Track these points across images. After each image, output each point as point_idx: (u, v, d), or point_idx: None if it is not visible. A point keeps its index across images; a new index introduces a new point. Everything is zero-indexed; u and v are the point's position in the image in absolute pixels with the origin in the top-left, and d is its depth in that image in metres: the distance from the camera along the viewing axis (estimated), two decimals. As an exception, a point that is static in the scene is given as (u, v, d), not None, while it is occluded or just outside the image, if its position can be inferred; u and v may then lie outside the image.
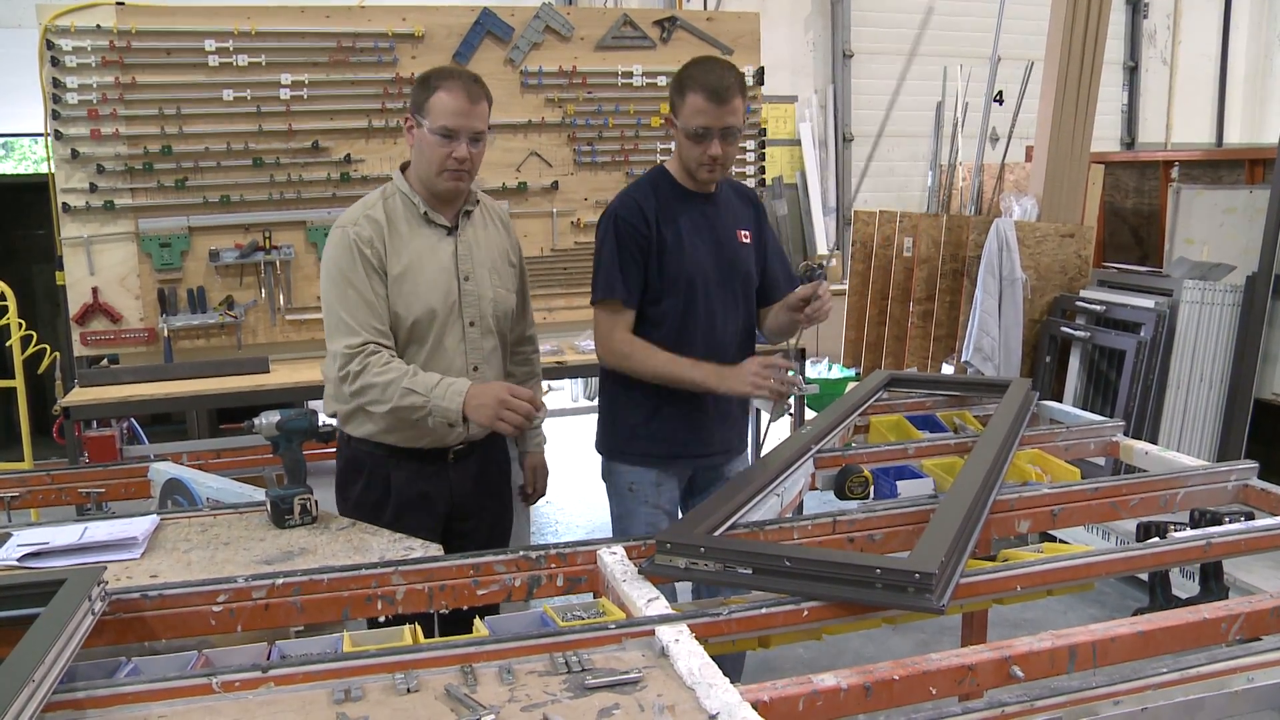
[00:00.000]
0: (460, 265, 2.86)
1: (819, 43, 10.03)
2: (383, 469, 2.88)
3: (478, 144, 2.78)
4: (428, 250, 2.83)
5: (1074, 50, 5.87)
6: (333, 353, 2.79)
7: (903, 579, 1.93)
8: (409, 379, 2.68)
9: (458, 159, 2.74)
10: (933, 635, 4.36)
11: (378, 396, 2.72)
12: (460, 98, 2.71)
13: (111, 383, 4.57)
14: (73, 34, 4.74)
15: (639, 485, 3.16)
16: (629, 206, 3.05)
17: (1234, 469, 2.80)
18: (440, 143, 2.72)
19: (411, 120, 2.79)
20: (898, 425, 3.47)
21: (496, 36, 5.33)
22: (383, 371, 2.70)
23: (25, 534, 2.47)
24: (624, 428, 3.18)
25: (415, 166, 2.85)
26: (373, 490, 2.90)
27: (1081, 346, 5.69)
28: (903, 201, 9.91)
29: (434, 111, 2.71)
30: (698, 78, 2.93)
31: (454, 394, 2.65)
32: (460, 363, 2.87)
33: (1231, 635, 2.00)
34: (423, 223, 2.84)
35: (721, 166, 3.03)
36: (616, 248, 3.02)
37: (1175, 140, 11.37)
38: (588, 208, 5.59)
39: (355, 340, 2.73)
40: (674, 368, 2.99)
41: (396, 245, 2.79)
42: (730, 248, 3.15)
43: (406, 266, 2.79)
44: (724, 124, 2.92)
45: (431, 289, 2.81)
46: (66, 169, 4.83)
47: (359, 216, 2.80)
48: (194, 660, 1.85)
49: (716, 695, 1.59)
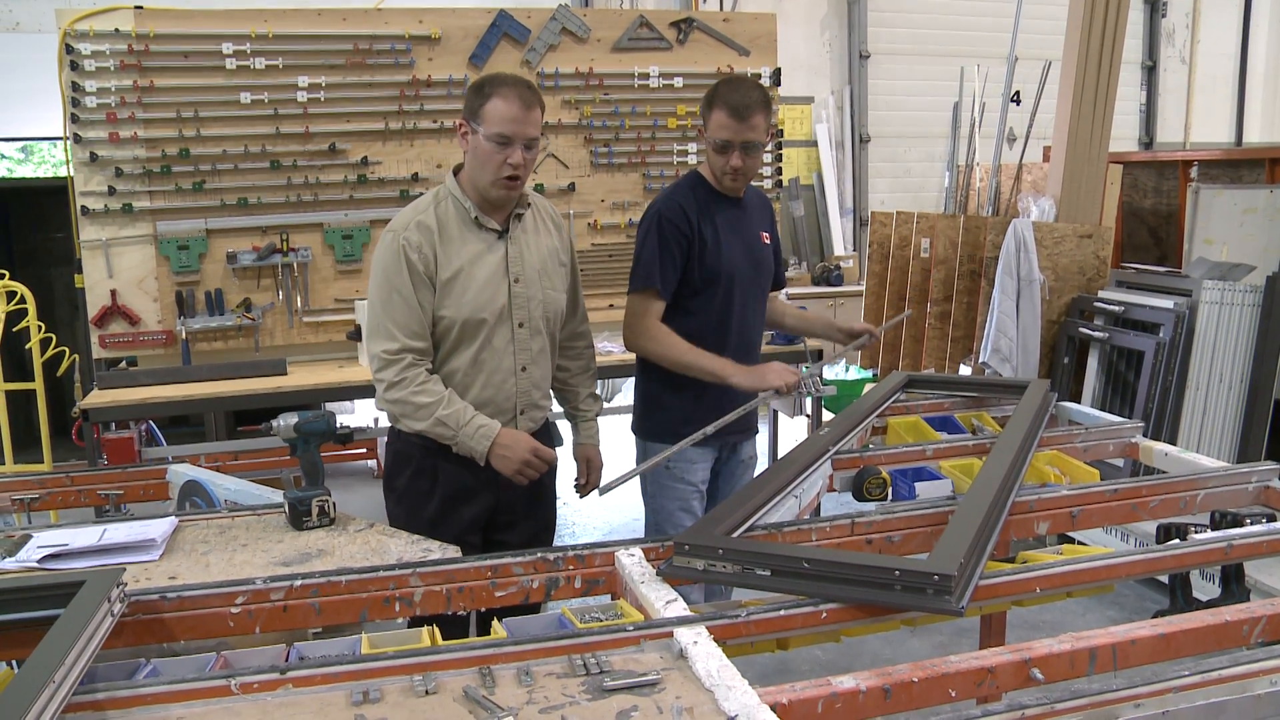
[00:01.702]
0: (511, 268, 2.89)
1: (835, 43, 10.00)
2: (430, 460, 2.90)
3: (531, 150, 2.80)
4: (479, 255, 2.85)
5: (1092, 49, 5.84)
6: (371, 354, 2.84)
7: (921, 581, 1.92)
8: (443, 408, 2.76)
9: (512, 165, 2.76)
10: (951, 637, 4.34)
11: (411, 414, 2.79)
12: (515, 104, 2.73)
13: (130, 385, 4.60)
14: (91, 38, 4.78)
15: (675, 464, 3.31)
16: (672, 207, 3.24)
17: (1255, 470, 2.78)
18: (495, 149, 2.74)
19: (465, 126, 2.81)
20: (915, 426, 3.46)
21: (513, 38, 5.34)
22: (419, 392, 2.76)
23: (45, 536, 2.48)
24: (666, 410, 3.36)
25: (469, 171, 2.86)
26: (420, 480, 2.92)
27: (1100, 347, 5.66)
28: (919, 202, 9.87)
29: (489, 118, 2.73)
30: (724, 95, 3.15)
31: (482, 437, 2.76)
32: (509, 362, 2.91)
33: (1253, 638, 1.98)
34: (474, 227, 2.86)
35: (743, 176, 3.26)
36: (659, 243, 3.22)
37: (1194, 140, 11.30)
38: (605, 209, 5.59)
39: (393, 346, 2.78)
40: (694, 356, 3.19)
41: (448, 250, 2.82)
42: (757, 247, 3.41)
43: (457, 271, 2.81)
44: (744, 139, 3.14)
45: (481, 292, 2.83)
46: (85, 172, 4.86)
47: (410, 222, 2.82)
48: (213, 662, 1.85)
49: (735, 697, 1.59)
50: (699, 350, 3.19)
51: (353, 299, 5.14)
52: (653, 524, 3.44)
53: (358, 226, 5.20)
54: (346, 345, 5.16)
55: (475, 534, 2.94)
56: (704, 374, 3.18)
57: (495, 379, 2.89)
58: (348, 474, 7.14)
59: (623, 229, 5.59)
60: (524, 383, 2.94)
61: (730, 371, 3.16)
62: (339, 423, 2.75)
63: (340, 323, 5.20)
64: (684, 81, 5.63)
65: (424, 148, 5.28)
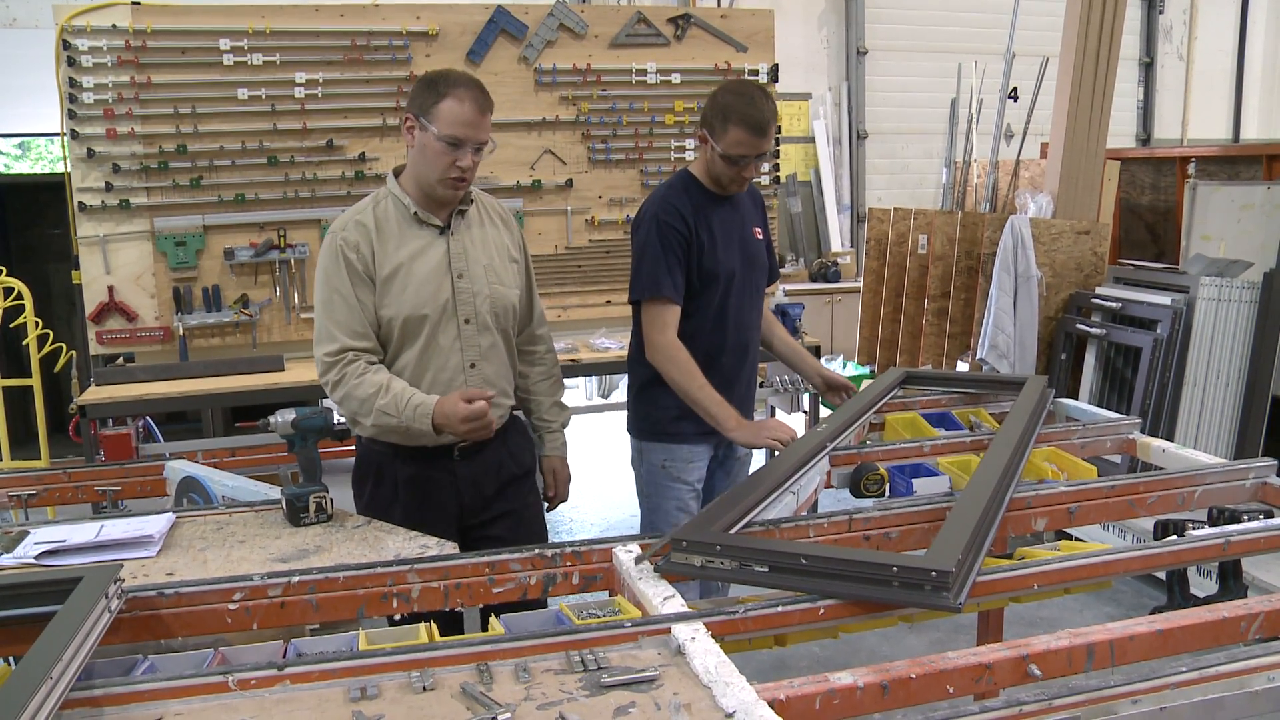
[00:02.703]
0: (453, 264, 2.84)
1: (833, 39, 10.00)
2: (391, 467, 2.87)
3: (479, 153, 2.75)
4: (419, 251, 2.80)
5: (1089, 46, 5.84)
6: (315, 360, 2.81)
7: (919, 577, 1.92)
8: (381, 397, 2.70)
9: (461, 168, 2.72)
10: (948, 634, 4.35)
11: (357, 410, 2.75)
12: (469, 108, 2.67)
13: (127, 381, 4.60)
14: (89, 34, 4.77)
15: (671, 463, 3.33)
16: (669, 210, 3.21)
17: (1252, 466, 2.78)
18: (445, 150, 2.69)
19: (413, 121, 2.74)
20: (913, 423, 3.45)
21: (510, 34, 5.33)
22: (358, 385, 2.72)
23: (42, 532, 2.47)
24: (662, 409, 3.31)
25: (413, 168, 2.81)
26: (383, 488, 2.90)
27: (1097, 344, 5.66)
28: (917, 199, 9.88)
29: (441, 118, 2.67)
30: (740, 111, 3.08)
31: (422, 415, 2.68)
32: (456, 360, 2.85)
33: (1251, 634, 1.99)
34: (414, 223, 2.81)
35: (748, 181, 3.30)
36: (661, 248, 3.18)
37: (1191, 136, 11.31)
38: (602, 205, 5.59)
39: (333, 347, 2.74)
40: (703, 395, 3.15)
41: (386, 248, 2.78)
42: (751, 245, 3.40)
43: (396, 268, 2.77)
44: (759, 151, 3.15)
45: (421, 289, 2.78)
46: (82, 168, 4.85)
47: (348, 222, 2.79)
48: (210, 658, 1.85)
49: (733, 693, 1.59)
50: (710, 390, 3.15)
51: (350, 295, 5.13)
52: (649, 523, 3.43)
53: (355, 223, 5.18)
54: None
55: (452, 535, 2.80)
56: (705, 415, 3.15)
57: (443, 376, 2.83)
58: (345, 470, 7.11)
59: (620, 225, 5.59)
60: (474, 379, 2.86)
61: (732, 425, 3.12)
62: (336, 419, 2.75)
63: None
64: (681, 78, 5.62)
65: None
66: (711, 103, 3.18)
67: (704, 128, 3.19)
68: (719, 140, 3.13)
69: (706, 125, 3.18)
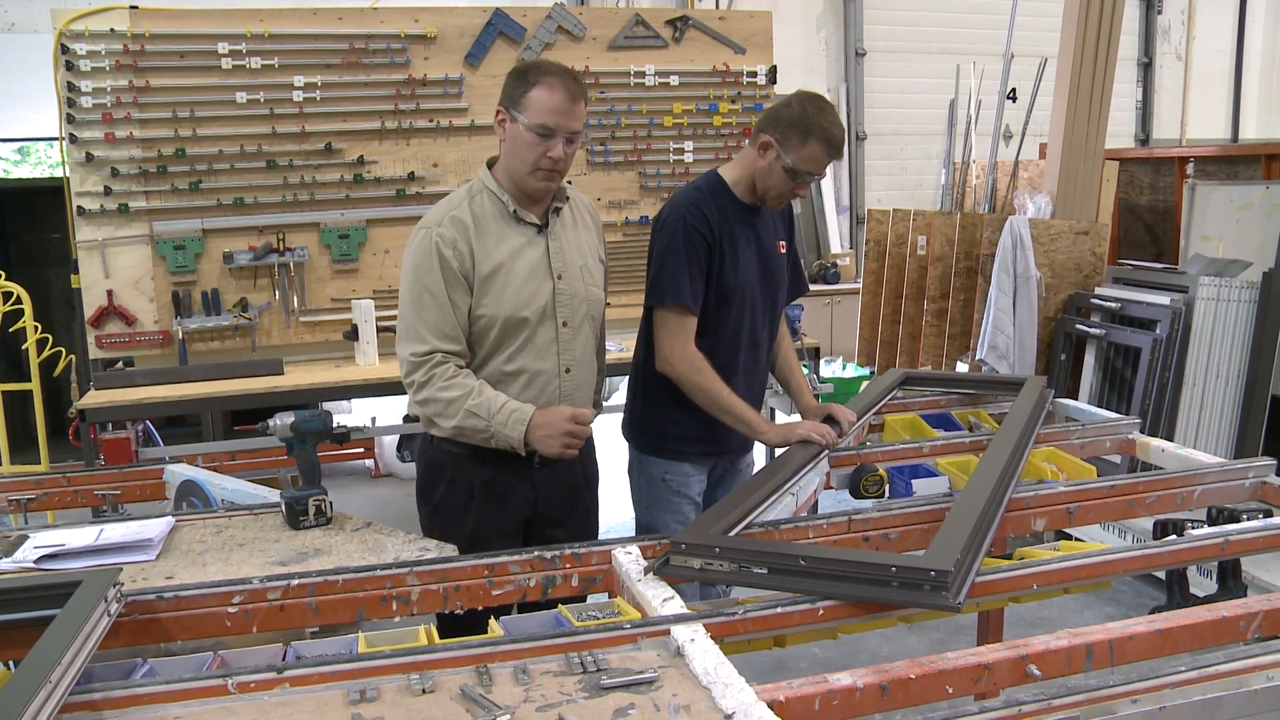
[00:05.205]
0: (553, 265, 2.75)
1: (831, 41, 10.01)
2: (465, 470, 2.77)
3: (573, 144, 2.66)
4: (519, 250, 2.71)
5: (1088, 46, 5.84)
6: (400, 358, 2.72)
7: (918, 577, 1.92)
8: (472, 399, 2.62)
9: (553, 158, 2.63)
10: (948, 634, 4.35)
11: (441, 411, 2.65)
12: (560, 95, 2.59)
13: (126, 385, 4.60)
14: (87, 38, 4.77)
15: (672, 477, 3.18)
16: (696, 214, 3.01)
17: (1251, 466, 2.78)
18: (536, 140, 2.60)
19: (504, 114, 2.65)
20: (912, 424, 3.46)
21: (509, 37, 5.33)
22: (447, 387, 2.63)
23: (42, 536, 2.48)
24: (667, 424, 3.17)
25: (505, 162, 2.71)
26: (456, 492, 2.80)
27: (1097, 344, 5.66)
28: (916, 200, 9.88)
29: (532, 107, 2.58)
30: (823, 127, 2.91)
31: (516, 422, 2.61)
32: (552, 364, 2.76)
33: (1250, 634, 1.99)
34: (512, 221, 2.72)
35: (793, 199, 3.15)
36: (686, 254, 2.99)
37: (1190, 136, 11.31)
38: (601, 208, 5.58)
39: (421, 349, 2.65)
40: (731, 402, 2.99)
41: (485, 246, 2.67)
42: (773, 260, 3.20)
43: (497, 266, 2.67)
44: (822, 172, 3.01)
45: (522, 289, 2.69)
46: (81, 172, 4.85)
47: (444, 217, 2.67)
48: (209, 661, 1.85)
49: (732, 695, 1.59)
50: (736, 397, 2.99)
51: (349, 298, 5.14)
52: (645, 532, 3.32)
53: (354, 226, 5.19)
54: (343, 345, 5.14)
55: (515, 543, 2.78)
56: (736, 422, 3.00)
57: (538, 381, 2.73)
58: (345, 473, 7.14)
59: (619, 227, 5.59)
60: (568, 385, 2.77)
61: (763, 429, 3.03)
62: (335, 422, 2.74)
63: (337, 322, 5.19)
64: (680, 80, 5.63)
65: (420, 147, 5.27)
66: (786, 111, 2.96)
67: (772, 134, 2.95)
68: (791, 152, 2.92)
69: (778, 134, 2.94)
